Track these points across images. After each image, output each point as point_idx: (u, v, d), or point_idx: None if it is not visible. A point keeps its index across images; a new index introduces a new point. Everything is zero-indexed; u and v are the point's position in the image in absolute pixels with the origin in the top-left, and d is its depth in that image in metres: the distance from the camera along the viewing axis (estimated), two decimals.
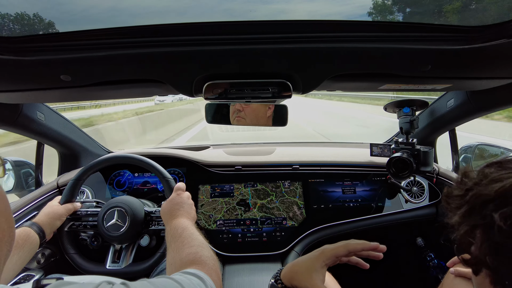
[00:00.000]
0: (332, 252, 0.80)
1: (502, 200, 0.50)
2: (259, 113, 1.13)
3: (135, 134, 9.10)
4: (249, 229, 1.58)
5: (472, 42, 0.82)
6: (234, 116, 1.14)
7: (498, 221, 0.48)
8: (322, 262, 0.79)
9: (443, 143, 1.77)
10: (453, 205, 0.60)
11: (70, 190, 1.35)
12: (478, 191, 0.54)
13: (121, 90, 1.09)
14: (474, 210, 0.54)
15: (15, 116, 1.30)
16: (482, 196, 0.53)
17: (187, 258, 0.82)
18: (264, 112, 1.13)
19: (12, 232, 0.50)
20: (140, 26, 0.80)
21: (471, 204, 0.55)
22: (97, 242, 1.37)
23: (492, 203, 0.51)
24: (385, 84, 1.09)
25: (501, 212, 0.49)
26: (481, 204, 0.53)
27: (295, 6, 0.83)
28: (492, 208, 0.50)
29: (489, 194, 0.52)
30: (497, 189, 0.51)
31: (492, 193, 0.51)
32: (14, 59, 0.81)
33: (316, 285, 0.75)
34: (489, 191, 0.52)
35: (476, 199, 0.54)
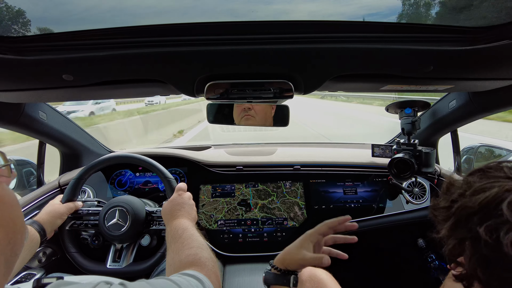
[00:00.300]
0: (315, 231, 0.94)
1: (486, 212, 0.50)
2: (267, 112, 1.13)
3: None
4: (250, 229, 1.58)
5: (474, 43, 0.82)
6: (243, 115, 1.14)
7: (483, 235, 0.48)
8: (308, 240, 0.93)
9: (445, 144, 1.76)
10: (440, 218, 0.59)
11: (71, 189, 1.35)
12: (462, 203, 0.54)
13: (123, 89, 1.10)
14: (460, 223, 0.54)
15: (18, 116, 1.31)
16: (466, 208, 0.52)
17: (186, 260, 0.82)
18: (271, 112, 1.13)
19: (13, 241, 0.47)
20: (142, 26, 0.80)
21: (456, 217, 0.54)
22: (98, 241, 1.37)
23: (476, 215, 0.51)
24: (387, 85, 1.09)
25: (486, 226, 0.48)
26: (466, 217, 0.52)
27: (296, 7, 0.82)
28: (476, 221, 0.50)
29: (473, 207, 0.51)
30: (480, 201, 0.51)
31: (476, 205, 0.51)
32: (16, 58, 0.81)
33: (306, 256, 0.88)
34: (473, 203, 0.51)
35: (461, 212, 0.53)
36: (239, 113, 1.14)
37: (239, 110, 1.14)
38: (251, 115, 1.13)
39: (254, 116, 1.13)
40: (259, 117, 1.14)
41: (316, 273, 1.11)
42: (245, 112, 1.13)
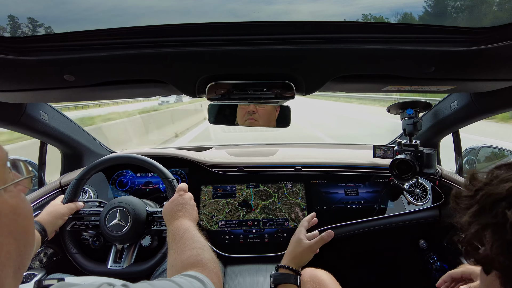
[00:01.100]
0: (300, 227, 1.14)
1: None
2: (271, 115, 1.13)
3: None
4: (251, 230, 1.58)
5: (476, 43, 0.81)
6: (246, 117, 1.14)
7: (511, 218, 0.48)
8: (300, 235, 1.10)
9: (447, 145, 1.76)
10: (462, 205, 0.59)
11: (72, 190, 1.35)
12: (488, 191, 0.54)
13: (124, 90, 1.10)
14: (484, 209, 0.54)
15: (19, 116, 1.31)
16: (493, 195, 0.53)
17: (188, 261, 0.82)
18: (275, 114, 1.13)
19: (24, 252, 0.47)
20: (143, 26, 0.80)
21: (481, 203, 0.55)
22: (99, 242, 1.37)
23: (504, 201, 0.51)
24: (389, 86, 1.09)
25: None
26: (492, 202, 0.52)
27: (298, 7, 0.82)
28: (504, 206, 0.50)
29: (500, 193, 0.52)
30: (508, 187, 0.51)
31: (504, 191, 0.51)
32: (19, 59, 0.81)
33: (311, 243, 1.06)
34: (501, 190, 0.52)
35: (487, 198, 0.54)
36: (243, 115, 1.14)
37: (243, 112, 1.14)
38: (255, 119, 1.13)
39: (258, 119, 1.14)
40: (263, 120, 1.14)
41: (317, 274, 1.11)
42: (249, 115, 1.13)
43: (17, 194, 0.48)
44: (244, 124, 1.14)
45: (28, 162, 1.75)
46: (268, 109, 1.13)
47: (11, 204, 0.46)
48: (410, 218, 1.65)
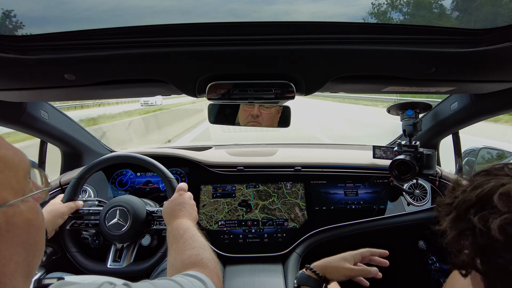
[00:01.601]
0: (359, 253, 0.99)
1: (481, 204, 0.53)
2: (274, 118, 1.14)
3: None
4: (250, 230, 1.58)
5: (477, 45, 0.82)
6: (249, 120, 1.14)
7: (477, 224, 0.51)
8: (351, 257, 0.97)
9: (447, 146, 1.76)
10: (443, 213, 0.62)
11: (72, 189, 1.35)
12: (463, 197, 0.57)
13: (124, 89, 1.10)
14: (460, 216, 0.57)
15: (19, 115, 1.31)
16: (466, 201, 0.56)
17: (188, 260, 0.82)
18: (277, 117, 1.14)
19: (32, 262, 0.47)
20: (144, 26, 0.81)
21: (458, 210, 0.58)
22: (98, 241, 1.37)
23: (473, 207, 0.54)
24: (389, 86, 1.09)
25: (480, 215, 0.52)
26: (465, 209, 0.55)
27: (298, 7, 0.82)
28: (473, 212, 0.53)
29: (471, 199, 0.55)
30: (477, 193, 0.54)
31: (473, 198, 0.54)
32: (19, 57, 0.81)
33: (353, 268, 0.94)
34: (471, 196, 0.55)
35: (462, 205, 0.57)
36: (246, 118, 1.14)
37: (246, 114, 1.14)
38: (257, 122, 1.14)
39: (260, 123, 1.14)
40: (266, 123, 1.14)
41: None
42: (252, 119, 1.14)
43: (33, 205, 0.48)
44: (246, 125, 1.15)
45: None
46: (272, 112, 1.13)
47: (26, 216, 0.45)
48: (410, 219, 1.65)
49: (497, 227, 0.49)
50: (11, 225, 0.43)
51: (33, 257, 0.47)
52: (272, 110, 1.13)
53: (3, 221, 0.41)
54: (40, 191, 0.50)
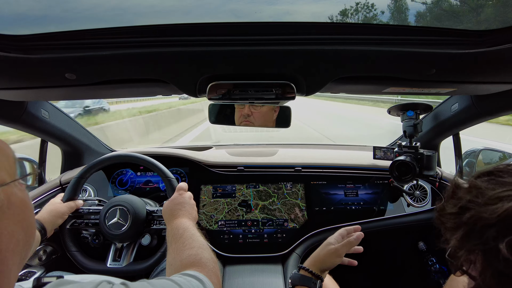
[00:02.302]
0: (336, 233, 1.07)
1: (505, 226, 0.46)
2: (267, 117, 1.14)
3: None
4: (250, 230, 1.58)
5: (477, 46, 0.82)
6: (242, 120, 1.14)
7: (503, 250, 0.45)
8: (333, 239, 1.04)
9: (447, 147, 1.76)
10: (448, 225, 0.56)
11: (72, 188, 1.35)
12: (476, 213, 0.50)
13: (125, 89, 1.10)
14: (473, 233, 0.50)
15: (20, 114, 1.31)
16: (481, 219, 0.49)
17: (187, 260, 0.82)
18: (272, 116, 1.14)
19: (28, 243, 0.51)
20: (145, 26, 0.81)
21: (469, 226, 0.51)
22: (98, 240, 1.37)
23: (493, 228, 0.47)
24: (389, 87, 1.09)
25: (507, 241, 0.45)
26: (481, 228, 0.49)
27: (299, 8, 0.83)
28: (494, 234, 0.47)
29: (489, 218, 0.48)
30: (499, 213, 0.47)
31: (494, 217, 0.47)
32: (20, 57, 0.81)
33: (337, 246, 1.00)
34: (490, 215, 0.48)
35: (475, 222, 0.50)
36: (239, 118, 1.14)
37: (238, 114, 1.14)
38: (249, 121, 1.14)
39: (253, 122, 1.14)
40: (259, 122, 1.14)
41: None
42: (244, 118, 1.14)
43: (23, 189, 0.52)
44: (240, 125, 1.15)
45: (28, 160, 1.75)
46: (263, 111, 1.13)
47: (20, 197, 0.49)
48: (410, 220, 1.65)
49: None
50: (11, 203, 0.47)
51: (30, 238, 0.51)
52: (262, 108, 1.13)
53: (5, 198, 0.46)
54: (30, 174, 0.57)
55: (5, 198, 0.46)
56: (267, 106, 1.13)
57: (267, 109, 1.13)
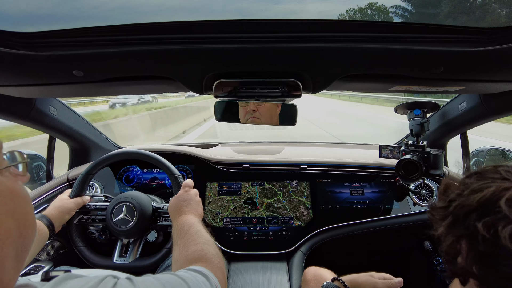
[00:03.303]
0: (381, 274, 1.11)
1: (484, 209, 0.51)
2: (272, 112, 1.13)
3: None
4: (255, 227, 1.59)
5: (487, 44, 0.81)
6: (248, 117, 1.14)
7: (481, 230, 0.49)
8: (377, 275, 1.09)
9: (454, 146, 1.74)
10: (437, 217, 0.61)
11: (80, 184, 1.37)
12: (460, 202, 0.55)
13: (132, 86, 1.11)
14: (458, 221, 0.55)
15: (29, 110, 1.33)
16: (464, 206, 0.54)
17: (192, 255, 0.83)
18: (277, 111, 1.13)
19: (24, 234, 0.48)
20: (152, 23, 0.81)
21: (455, 215, 0.56)
22: (105, 236, 1.38)
23: (474, 213, 0.52)
24: (397, 86, 1.08)
25: (484, 221, 0.50)
26: (464, 214, 0.53)
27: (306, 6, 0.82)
28: (474, 217, 0.51)
29: (471, 205, 0.53)
30: (478, 199, 0.52)
31: (474, 203, 0.52)
32: (29, 54, 0.82)
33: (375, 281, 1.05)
34: (471, 201, 0.53)
35: (460, 210, 0.55)
36: (244, 115, 1.14)
37: (244, 111, 1.14)
38: (256, 117, 1.14)
39: (259, 117, 1.14)
40: (265, 118, 1.14)
41: (321, 273, 1.11)
42: (250, 114, 1.14)
43: (14, 179, 0.50)
44: (246, 122, 1.15)
45: (36, 156, 1.78)
46: (268, 105, 1.13)
47: (8, 185, 0.47)
48: (416, 219, 1.64)
49: (508, 235, 0.47)
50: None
51: (25, 228, 0.48)
52: (267, 103, 1.13)
53: None
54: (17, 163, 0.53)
55: None
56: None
57: (270, 104, 1.13)
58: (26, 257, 0.50)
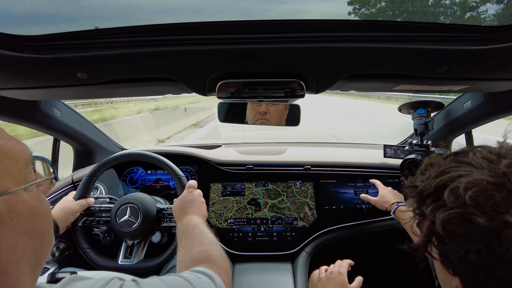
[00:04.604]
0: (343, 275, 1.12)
1: (437, 195, 0.53)
2: (283, 115, 1.14)
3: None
4: (259, 228, 1.58)
5: (491, 42, 0.80)
6: (258, 118, 1.14)
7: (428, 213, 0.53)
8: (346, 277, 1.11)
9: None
10: (409, 195, 0.63)
11: (84, 186, 1.37)
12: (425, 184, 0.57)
13: (136, 88, 1.11)
14: (420, 203, 0.58)
15: (33, 113, 1.34)
16: (426, 189, 0.56)
17: (197, 256, 0.83)
18: (285, 114, 1.14)
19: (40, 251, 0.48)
20: (155, 25, 0.81)
21: (419, 196, 0.59)
22: (109, 238, 1.39)
23: (431, 196, 0.55)
24: (400, 85, 1.08)
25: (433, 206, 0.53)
26: (426, 197, 0.56)
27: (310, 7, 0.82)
28: (430, 201, 0.54)
29: (429, 189, 0.55)
30: (435, 184, 0.54)
31: (432, 187, 0.55)
32: (33, 57, 0.82)
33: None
34: (429, 185, 0.55)
35: (423, 192, 0.57)
36: (254, 116, 1.14)
37: (254, 112, 1.14)
38: (266, 119, 1.14)
39: (269, 120, 1.14)
40: (274, 120, 1.14)
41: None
42: (260, 116, 1.14)
43: (37, 195, 0.49)
44: (255, 123, 1.15)
45: (42, 158, 1.78)
46: (280, 109, 1.13)
47: (29, 204, 0.46)
48: None
49: (440, 221, 0.49)
50: (14, 213, 0.43)
51: (41, 246, 0.48)
52: (279, 106, 1.14)
53: (5, 208, 0.42)
54: (43, 180, 0.51)
55: (5, 208, 0.42)
56: (282, 104, 1.13)
57: (283, 107, 1.13)
58: (40, 270, 0.50)
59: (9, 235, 0.43)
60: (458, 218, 0.48)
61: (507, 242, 0.44)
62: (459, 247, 0.48)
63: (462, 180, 0.50)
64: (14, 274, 0.43)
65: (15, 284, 0.43)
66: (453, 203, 0.49)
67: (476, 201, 0.47)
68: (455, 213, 0.48)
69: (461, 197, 0.48)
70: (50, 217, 0.52)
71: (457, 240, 0.48)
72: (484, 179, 0.48)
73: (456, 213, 0.48)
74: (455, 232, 0.48)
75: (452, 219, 0.48)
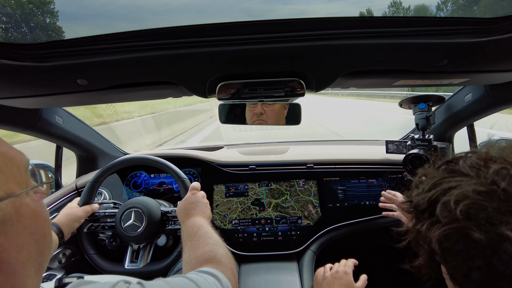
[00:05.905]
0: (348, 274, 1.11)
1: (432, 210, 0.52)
2: (279, 115, 1.14)
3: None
4: (264, 228, 1.59)
5: (490, 34, 0.80)
6: (255, 119, 1.14)
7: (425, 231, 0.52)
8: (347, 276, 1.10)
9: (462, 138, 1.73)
10: (406, 210, 0.63)
11: (88, 192, 1.38)
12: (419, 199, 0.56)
13: (136, 92, 1.11)
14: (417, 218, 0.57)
15: (35, 121, 1.34)
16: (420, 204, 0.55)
17: (202, 257, 0.83)
18: (283, 113, 1.14)
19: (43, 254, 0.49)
20: (154, 29, 0.82)
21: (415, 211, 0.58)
22: (115, 243, 1.39)
23: (426, 212, 0.53)
24: (400, 80, 1.08)
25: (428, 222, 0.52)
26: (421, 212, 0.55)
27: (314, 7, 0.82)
28: (426, 217, 0.53)
29: (423, 203, 0.54)
30: (428, 198, 0.53)
31: (426, 202, 0.54)
32: (33, 65, 0.83)
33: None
34: (423, 200, 0.54)
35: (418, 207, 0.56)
36: (251, 117, 1.15)
37: (251, 113, 1.14)
38: (263, 120, 1.14)
39: (266, 120, 1.14)
40: (272, 120, 1.14)
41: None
42: (257, 117, 1.14)
43: (37, 199, 0.50)
44: (253, 124, 1.15)
45: (44, 166, 1.79)
46: (276, 108, 1.13)
47: (33, 208, 0.48)
48: None
49: (436, 240, 0.48)
50: (20, 215, 0.45)
51: (44, 249, 0.50)
52: (275, 106, 1.14)
53: (13, 211, 0.44)
54: (44, 183, 0.53)
55: (13, 210, 0.44)
56: (279, 104, 1.13)
57: (279, 106, 1.13)
58: (43, 273, 0.51)
59: (16, 237, 0.44)
60: (453, 235, 0.47)
61: (506, 256, 0.43)
62: (461, 263, 0.47)
63: (453, 193, 0.49)
64: (22, 275, 0.44)
65: (22, 285, 0.44)
66: (446, 218, 0.48)
67: (468, 215, 0.46)
68: (449, 229, 0.47)
69: (453, 211, 0.47)
70: (49, 221, 0.53)
71: (457, 257, 0.47)
72: (473, 189, 0.47)
73: (450, 229, 0.47)
74: (453, 249, 0.47)
75: (448, 236, 0.47)
